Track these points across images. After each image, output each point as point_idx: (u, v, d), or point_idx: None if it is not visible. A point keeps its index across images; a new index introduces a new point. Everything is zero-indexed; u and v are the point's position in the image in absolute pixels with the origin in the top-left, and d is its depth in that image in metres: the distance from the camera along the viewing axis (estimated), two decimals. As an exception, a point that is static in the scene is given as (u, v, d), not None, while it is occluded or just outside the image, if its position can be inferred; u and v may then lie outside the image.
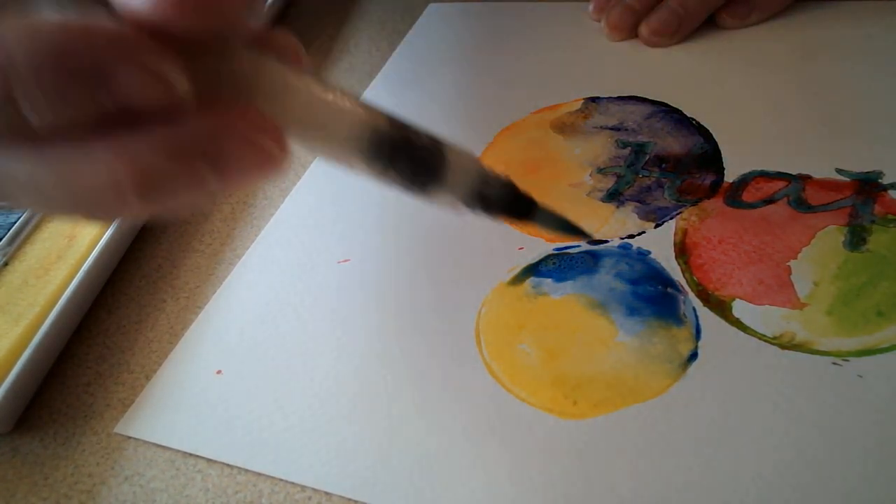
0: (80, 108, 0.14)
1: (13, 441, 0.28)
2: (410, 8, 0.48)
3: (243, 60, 0.15)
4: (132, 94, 0.14)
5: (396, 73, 0.42)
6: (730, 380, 0.23)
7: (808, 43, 0.36)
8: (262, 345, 0.29)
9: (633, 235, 0.29)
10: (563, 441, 0.23)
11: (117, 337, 0.31)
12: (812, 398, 0.22)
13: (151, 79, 0.14)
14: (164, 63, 0.14)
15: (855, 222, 0.27)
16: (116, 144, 0.14)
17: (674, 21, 0.37)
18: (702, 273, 0.27)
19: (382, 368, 0.27)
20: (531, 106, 0.37)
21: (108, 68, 0.13)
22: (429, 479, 0.23)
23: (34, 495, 0.26)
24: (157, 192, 0.15)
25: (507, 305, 0.27)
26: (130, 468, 0.26)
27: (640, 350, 0.25)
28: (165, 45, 0.14)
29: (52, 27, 0.13)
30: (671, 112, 0.34)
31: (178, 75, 0.14)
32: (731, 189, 0.29)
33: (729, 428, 0.22)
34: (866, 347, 0.23)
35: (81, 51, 0.13)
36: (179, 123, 0.14)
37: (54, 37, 0.13)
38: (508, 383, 0.25)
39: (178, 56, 0.14)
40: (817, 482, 0.21)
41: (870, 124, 0.31)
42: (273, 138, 0.15)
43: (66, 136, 0.14)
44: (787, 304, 0.25)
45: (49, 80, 0.13)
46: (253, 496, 0.24)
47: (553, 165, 0.33)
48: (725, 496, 0.21)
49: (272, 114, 0.15)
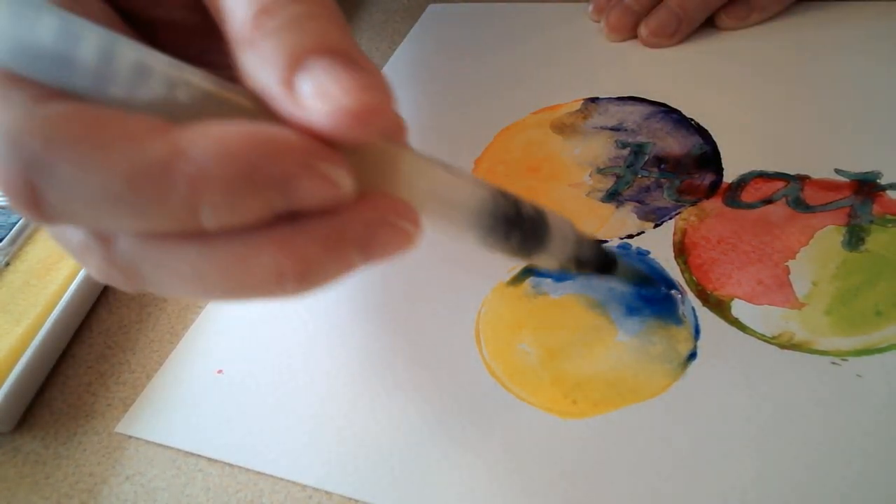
0: (257, 213, 0.14)
1: (14, 440, 0.28)
2: (410, 8, 0.48)
3: (380, 151, 0.16)
4: (307, 199, 0.14)
5: (396, 73, 0.42)
6: (729, 379, 0.23)
7: (808, 43, 0.36)
8: (262, 345, 0.29)
9: (632, 235, 0.29)
10: (563, 441, 0.23)
11: (118, 336, 0.31)
12: (811, 398, 0.22)
13: (326, 185, 0.14)
14: (339, 169, 0.15)
15: (853, 222, 0.27)
16: (280, 238, 0.15)
17: (673, 22, 0.37)
18: (701, 273, 0.27)
19: (382, 368, 0.27)
20: (531, 106, 0.37)
21: (291, 178, 0.14)
22: (429, 479, 0.23)
23: (35, 494, 0.26)
24: (314, 279, 0.15)
25: (507, 305, 0.28)
26: (131, 467, 0.26)
27: (639, 350, 0.25)
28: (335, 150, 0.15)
29: (242, 139, 0.14)
30: (670, 112, 0.34)
31: (347, 178, 0.15)
32: (730, 189, 0.30)
33: (728, 427, 0.22)
34: (865, 347, 0.23)
35: (268, 164, 0.14)
36: (335, 215, 0.15)
37: (244, 149, 0.14)
38: (508, 383, 0.25)
39: (344, 158, 0.15)
40: (817, 482, 0.21)
41: (868, 124, 0.31)
42: (411, 220, 0.16)
43: (232, 234, 0.15)
44: (785, 304, 0.25)
45: (234, 191, 0.14)
46: (253, 495, 0.24)
47: (553, 165, 0.33)
48: (725, 496, 0.21)
49: (407, 197, 0.16)
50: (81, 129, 0.14)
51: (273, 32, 0.15)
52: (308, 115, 0.14)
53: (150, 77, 0.14)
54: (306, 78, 0.14)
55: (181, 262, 0.15)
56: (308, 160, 0.14)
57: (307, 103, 0.14)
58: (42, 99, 0.14)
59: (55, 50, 0.13)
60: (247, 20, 0.15)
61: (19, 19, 0.13)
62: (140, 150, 0.14)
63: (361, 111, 0.14)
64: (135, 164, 0.13)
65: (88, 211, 0.14)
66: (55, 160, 0.14)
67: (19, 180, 0.14)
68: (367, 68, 0.15)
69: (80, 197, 0.14)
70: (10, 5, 0.13)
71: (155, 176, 0.14)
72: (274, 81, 0.15)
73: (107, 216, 0.14)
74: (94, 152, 0.14)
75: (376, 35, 0.47)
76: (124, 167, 0.14)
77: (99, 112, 0.14)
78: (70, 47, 0.13)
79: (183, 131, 0.14)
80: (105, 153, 0.14)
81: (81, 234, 0.16)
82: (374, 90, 0.14)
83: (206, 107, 0.14)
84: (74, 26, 0.13)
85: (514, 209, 0.19)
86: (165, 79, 0.14)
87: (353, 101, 0.14)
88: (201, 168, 0.13)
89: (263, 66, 0.15)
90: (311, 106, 0.14)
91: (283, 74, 0.14)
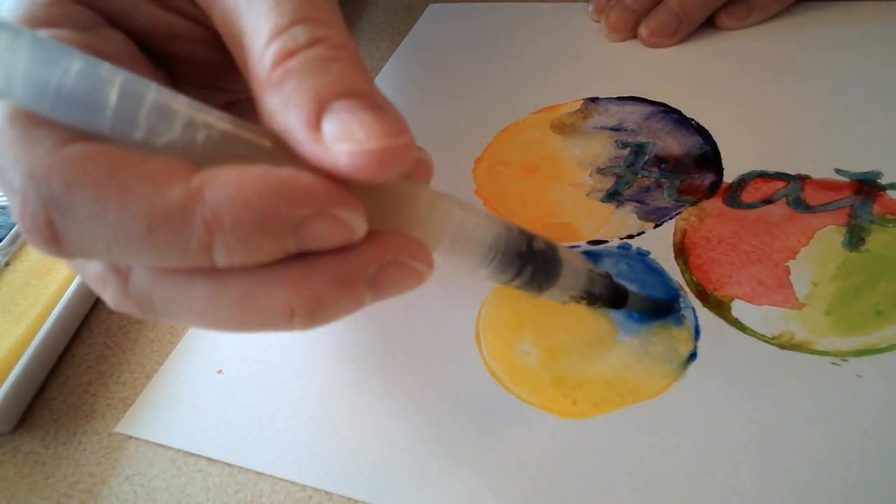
0: (269, 254, 0.15)
1: (14, 440, 0.28)
2: (410, 8, 0.48)
3: (398, 190, 0.16)
4: (320, 241, 0.15)
5: (396, 73, 0.42)
6: (729, 380, 0.23)
7: (808, 43, 0.36)
8: (262, 345, 0.29)
9: (632, 236, 0.29)
10: (563, 441, 0.23)
11: (118, 336, 0.31)
12: (811, 398, 0.22)
13: (340, 228, 0.15)
14: (353, 212, 0.15)
15: (854, 222, 0.27)
16: (292, 277, 0.15)
17: (673, 22, 0.37)
18: (701, 273, 0.27)
19: (382, 368, 0.27)
20: (531, 106, 0.37)
21: (305, 222, 0.14)
22: (429, 479, 0.23)
23: (35, 495, 0.26)
24: (324, 316, 0.16)
25: (507, 305, 0.28)
26: (131, 467, 0.26)
27: (639, 350, 0.25)
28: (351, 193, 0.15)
29: (258, 183, 0.14)
30: (670, 112, 0.34)
31: (362, 221, 0.15)
32: (730, 189, 0.30)
33: (728, 428, 0.22)
34: (865, 347, 0.23)
35: (283, 208, 0.14)
36: (348, 254, 0.15)
37: (259, 194, 0.14)
38: (508, 383, 0.25)
39: (359, 202, 0.15)
40: (817, 482, 0.21)
41: (868, 124, 0.31)
42: (423, 260, 0.16)
43: (245, 271, 0.15)
44: (785, 304, 0.25)
45: (248, 234, 0.14)
46: (253, 495, 0.24)
47: (553, 165, 0.33)
48: (725, 496, 0.21)
49: (420, 236, 0.17)
50: (102, 171, 0.14)
51: (296, 74, 0.15)
52: (332, 157, 0.14)
53: (173, 119, 0.14)
54: (331, 120, 0.15)
55: (194, 296, 0.16)
56: (324, 205, 0.14)
57: (332, 146, 0.14)
58: (65, 140, 0.14)
59: (78, 93, 0.13)
60: (269, 61, 0.15)
61: (43, 63, 0.13)
62: (159, 193, 0.14)
63: (385, 153, 0.14)
64: (154, 207, 0.14)
65: (106, 249, 0.15)
66: (75, 201, 0.14)
67: (39, 219, 0.14)
68: (390, 111, 0.15)
69: (99, 236, 0.14)
70: (33, 49, 0.13)
71: (173, 219, 0.14)
72: (298, 123, 0.15)
73: (124, 254, 0.15)
74: (114, 194, 0.14)
75: (376, 35, 0.47)
76: (143, 210, 0.14)
77: (120, 154, 0.14)
78: (93, 91, 0.13)
79: (201, 175, 0.14)
80: (124, 195, 0.14)
81: (99, 266, 0.17)
82: (398, 133, 0.15)
83: (227, 147, 0.15)
84: (97, 69, 0.13)
85: (527, 245, 0.19)
86: (187, 120, 0.14)
87: (377, 144, 0.14)
88: (217, 212, 0.14)
89: (287, 107, 0.15)
90: (337, 148, 0.14)
91: (308, 117, 0.15)
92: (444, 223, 0.17)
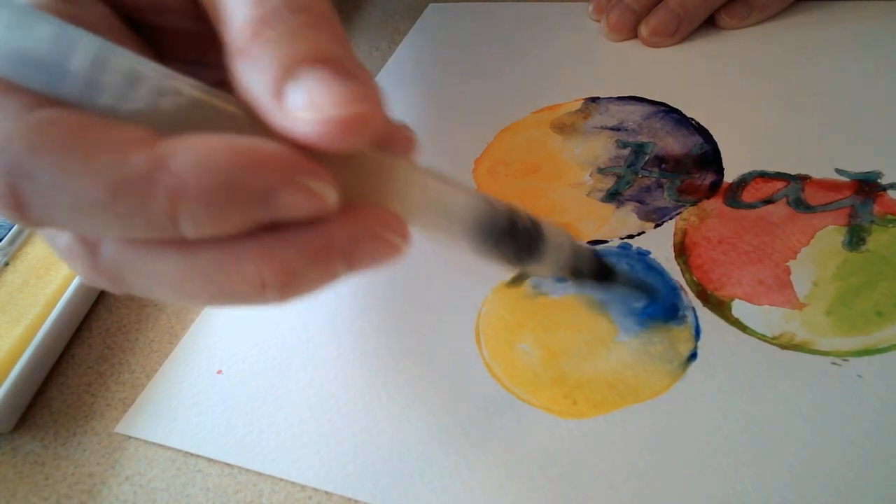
0: (238, 225, 0.14)
1: (14, 441, 0.28)
2: (410, 8, 0.48)
3: (374, 162, 0.16)
4: (289, 211, 0.14)
5: (396, 73, 0.42)
6: (729, 380, 0.23)
7: (808, 43, 0.36)
8: (262, 345, 0.29)
9: (632, 235, 0.29)
10: (563, 441, 0.23)
11: (118, 337, 0.31)
12: (812, 398, 0.22)
13: (310, 199, 0.14)
14: (321, 182, 0.15)
15: (854, 222, 0.27)
16: (263, 248, 0.15)
17: (673, 21, 0.37)
18: (701, 273, 0.27)
19: (382, 368, 0.27)
20: (531, 106, 0.37)
21: (271, 192, 0.14)
22: (429, 479, 0.23)
23: (35, 495, 0.26)
24: (296, 288, 0.16)
25: (508, 305, 0.28)
26: (131, 468, 0.26)
27: (639, 350, 0.25)
28: (318, 162, 0.15)
29: (224, 152, 0.14)
30: (671, 112, 0.34)
31: (332, 191, 0.15)
32: (730, 189, 0.30)
33: (728, 428, 0.22)
34: (866, 347, 0.23)
35: (249, 178, 0.14)
36: (320, 226, 0.15)
37: (224, 163, 0.14)
38: (508, 383, 0.25)
39: (327, 170, 0.15)
40: (817, 482, 0.21)
41: (869, 124, 0.31)
42: (398, 232, 0.16)
43: (215, 242, 0.15)
44: (786, 305, 0.25)
45: (214, 203, 0.14)
46: (253, 496, 0.24)
47: (553, 165, 0.33)
48: (725, 496, 0.21)
49: (397, 208, 0.16)
50: (65, 137, 0.14)
51: (268, 42, 0.15)
52: (295, 125, 0.14)
53: (141, 85, 0.14)
54: (295, 88, 0.14)
55: (164, 268, 0.15)
56: (291, 174, 0.14)
57: (295, 113, 0.14)
58: (32, 106, 0.14)
59: (48, 58, 0.13)
60: (244, 30, 0.15)
61: (14, 28, 0.13)
62: (122, 160, 0.14)
63: (348, 122, 0.14)
64: (116, 174, 0.14)
65: (70, 216, 0.14)
66: (38, 166, 0.14)
67: (3, 185, 0.14)
68: (360, 77, 0.15)
69: (62, 203, 0.14)
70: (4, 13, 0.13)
71: (135, 187, 0.14)
72: (264, 91, 0.15)
73: (88, 222, 0.14)
74: (77, 160, 0.14)
75: (376, 35, 0.46)
76: (106, 177, 0.14)
77: (85, 119, 0.14)
78: (62, 55, 0.13)
79: (166, 142, 0.14)
80: (87, 162, 0.14)
81: (68, 238, 0.16)
82: (364, 100, 0.14)
83: (197, 115, 0.14)
84: (67, 34, 0.13)
85: (509, 219, 0.19)
86: (156, 87, 0.14)
87: (340, 112, 0.14)
88: (181, 181, 0.14)
89: (254, 75, 0.15)
90: (299, 116, 0.14)
91: (273, 84, 0.14)
92: (421, 196, 0.17)
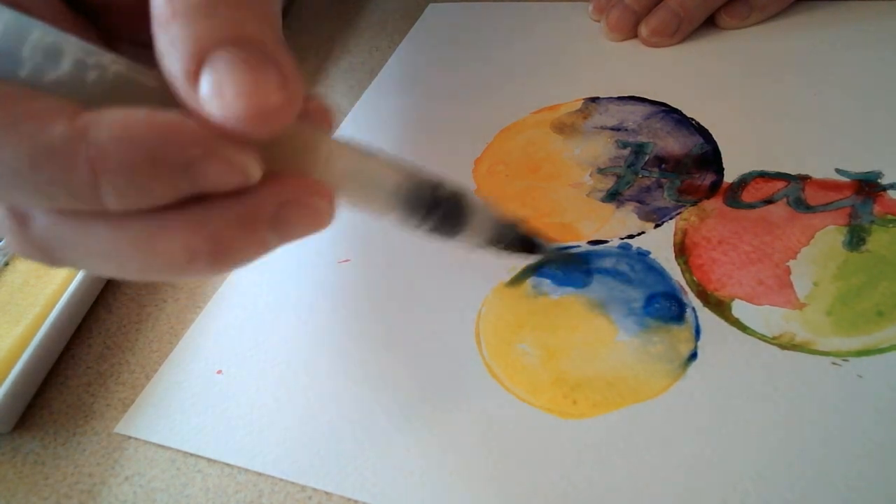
0: (161, 197, 0.15)
1: (13, 441, 0.28)
2: (410, 8, 0.48)
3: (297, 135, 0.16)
4: (212, 183, 0.15)
5: (396, 73, 0.42)
6: (729, 380, 0.23)
7: (808, 43, 0.36)
8: (262, 345, 0.29)
9: (632, 236, 0.29)
10: (563, 441, 0.23)
11: (118, 337, 0.31)
12: (812, 398, 0.22)
13: (231, 169, 0.15)
14: (243, 154, 0.15)
15: (854, 222, 0.27)
16: (190, 218, 0.15)
17: (673, 21, 0.37)
18: (701, 273, 0.27)
19: (383, 368, 0.27)
20: (531, 106, 0.37)
21: (193, 164, 0.14)
22: (429, 479, 0.23)
23: (34, 495, 0.26)
24: (227, 258, 0.16)
25: (507, 305, 0.27)
26: (131, 468, 0.26)
27: (639, 350, 0.25)
28: None
29: (144, 124, 0.14)
30: (671, 112, 0.34)
31: (253, 161, 0.15)
32: (730, 189, 0.30)
33: (728, 428, 0.22)
34: (866, 347, 0.23)
35: (169, 150, 0.14)
36: (247, 196, 0.15)
37: (144, 135, 0.14)
38: (508, 383, 0.25)
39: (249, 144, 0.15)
40: (817, 482, 0.21)
41: (869, 124, 0.31)
42: (325, 199, 0.16)
43: (143, 213, 0.15)
44: (786, 305, 0.25)
45: (135, 174, 0.14)
46: (253, 496, 0.24)
47: (553, 165, 0.33)
48: (725, 496, 0.21)
49: (323, 178, 0.17)
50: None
51: (184, 15, 0.15)
52: (206, 111, 0.14)
53: (61, 58, 0.14)
54: (207, 74, 0.14)
55: (93, 240, 0.16)
56: (211, 147, 0.14)
57: (205, 101, 0.14)
58: None
59: None
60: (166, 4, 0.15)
61: None
62: (43, 130, 0.14)
63: (255, 115, 0.14)
64: (36, 143, 0.14)
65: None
66: None
67: None
68: (277, 62, 0.15)
69: None
70: None
71: (56, 157, 0.14)
72: (178, 71, 0.14)
73: (9, 192, 0.15)
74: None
75: (376, 35, 0.46)
76: (26, 146, 0.14)
77: (6, 90, 0.14)
78: None
79: (88, 114, 0.14)
80: (7, 131, 0.14)
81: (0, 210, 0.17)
82: (277, 90, 0.14)
83: (120, 90, 0.15)
84: None
85: (432, 191, 0.19)
86: (76, 61, 0.14)
87: (248, 104, 0.14)
88: (102, 152, 0.14)
89: (171, 52, 0.15)
90: (209, 104, 0.14)
91: (187, 66, 0.14)
92: (343, 168, 0.17)
